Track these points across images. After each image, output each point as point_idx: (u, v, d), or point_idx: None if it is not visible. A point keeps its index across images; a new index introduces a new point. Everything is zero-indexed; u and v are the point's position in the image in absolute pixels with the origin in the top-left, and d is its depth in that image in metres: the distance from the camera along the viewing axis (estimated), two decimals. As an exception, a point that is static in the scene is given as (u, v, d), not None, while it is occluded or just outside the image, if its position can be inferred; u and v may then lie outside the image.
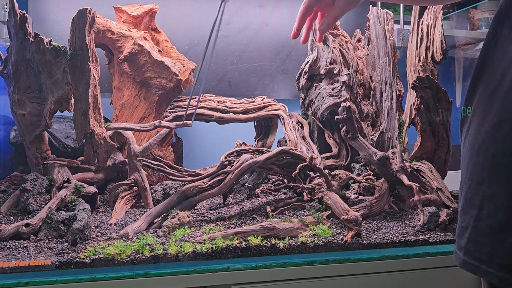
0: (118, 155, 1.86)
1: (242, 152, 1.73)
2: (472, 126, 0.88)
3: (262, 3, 2.42)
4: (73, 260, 1.19)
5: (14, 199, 1.56)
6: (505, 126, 0.78)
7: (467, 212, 0.86)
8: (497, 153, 0.79)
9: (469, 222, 0.85)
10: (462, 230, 0.87)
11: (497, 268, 0.78)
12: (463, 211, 0.88)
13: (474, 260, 0.82)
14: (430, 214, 1.53)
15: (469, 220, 0.85)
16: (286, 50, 2.46)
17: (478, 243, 0.82)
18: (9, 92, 1.63)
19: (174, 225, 1.44)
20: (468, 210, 0.86)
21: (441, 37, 1.91)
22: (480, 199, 0.82)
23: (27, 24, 1.55)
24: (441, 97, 1.80)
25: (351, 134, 1.77)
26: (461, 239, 0.87)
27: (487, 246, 0.80)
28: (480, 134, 0.84)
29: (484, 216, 0.81)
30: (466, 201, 0.87)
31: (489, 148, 0.81)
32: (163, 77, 1.91)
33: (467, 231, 0.85)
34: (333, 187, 1.65)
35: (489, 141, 0.81)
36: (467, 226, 0.85)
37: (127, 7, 2.02)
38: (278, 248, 1.34)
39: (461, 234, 0.87)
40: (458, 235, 0.89)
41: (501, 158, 0.78)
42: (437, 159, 1.86)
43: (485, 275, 0.80)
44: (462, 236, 0.87)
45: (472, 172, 0.85)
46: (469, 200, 0.86)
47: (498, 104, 0.80)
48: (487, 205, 0.81)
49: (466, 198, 0.87)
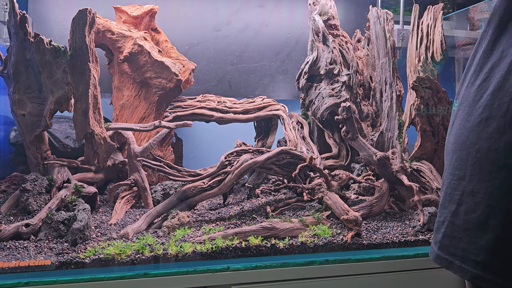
0: (118, 155, 1.86)
1: (242, 152, 1.73)
2: (457, 120, 0.87)
3: (262, 3, 2.42)
4: (73, 260, 1.19)
5: (14, 199, 1.56)
6: (492, 122, 0.77)
7: (445, 207, 0.86)
8: (482, 149, 0.78)
9: (446, 217, 0.85)
10: (439, 225, 0.87)
11: (471, 265, 0.77)
12: (442, 205, 0.88)
13: (448, 255, 0.82)
14: (430, 214, 1.53)
15: (447, 214, 0.84)
16: (286, 50, 2.46)
17: (454, 238, 0.81)
18: (9, 92, 1.63)
19: (174, 225, 1.44)
20: (447, 205, 0.86)
21: (441, 37, 1.91)
22: (459, 194, 0.82)
23: (27, 24, 1.55)
24: (441, 97, 1.80)
25: (351, 134, 1.77)
26: (437, 233, 0.87)
27: (462, 242, 0.79)
28: (465, 129, 0.83)
29: (462, 212, 0.81)
30: (445, 196, 0.87)
31: (473, 144, 0.80)
32: (163, 77, 1.91)
33: (443, 225, 0.85)
34: (333, 187, 1.65)
35: (474, 137, 0.80)
36: (444, 220, 0.85)
37: (127, 7, 2.02)
38: (278, 248, 1.34)
39: (438, 229, 0.87)
40: (435, 229, 0.89)
41: (485, 155, 0.78)
42: (437, 159, 1.86)
43: (458, 271, 0.79)
44: (438, 231, 0.86)
45: (454, 167, 0.85)
46: (448, 195, 0.85)
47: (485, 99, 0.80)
48: (466, 200, 0.80)
49: (446, 193, 0.87)
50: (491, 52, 0.83)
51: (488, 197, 0.76)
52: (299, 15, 2.45)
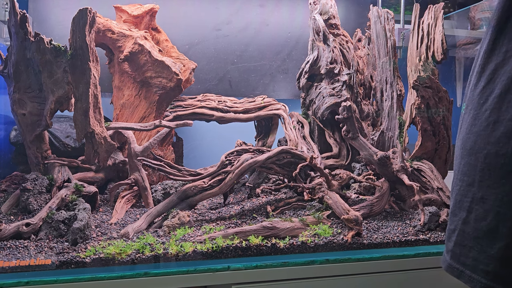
0: (119, 155, 1.86)
1: (242, 151, 1.73)
2: (464, 124, 0.85)
3: (262, 2, 2.42)
4: (73, 260, 1.19)
5: (14, 198, 1.56)
6: (499, 126, 0.75)
7: (456, 214, 0.84)
8: (490, 154, 0.76)
9: (457, 225, 0.83)
10: (450, 233, 0.85)
11: (481, 275, 0.75)
12: (453, 213, 0.86)
13: (459, 265, 0.80)
14: (431, 214, 1.53)
15: (457, 222, 0.82)
16: (287, 49, 2.46)
17: (465, 247, 0.80)
18: (9, 91, 1.63)
19: (174, 224, 1.44)
20: (457, 212, 0.84)
21: (441, 36, 1.91)
22: (469, 201, 0.80)
23: (28, 23, 1.55)
24: (442, 97, 1.80)
25: (352, 133, 1.77)
26: (449, 241, 0.85)
27: (473, 251, 0.78)
28: (472, 134, 0.81)
29: (472, 219, 0.79)
30: (456, 203, 0.85)
31: (481, 149, 0.78)
32: (164, 77, 1.91)
33: (454, 234, 0.83)
34: (333, 186, 1.65)
35: (482, 141, 0.78)
36: (455, 228, 0.83)
37: (128, 6, 2.02)
38: (278, 247, 1.34)
39: (449, 237, 0.85)
40: (446, 237, 0.87)
41: (493, 160, 0.75)
42: (437, 159, 1.86)
43: (469, 281, 0.77)
44: (450, 239, 0.85)
45: (463, 173, 0.83)
46: (458, 202, 0.83)
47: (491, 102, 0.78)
48: (476, 208, 0.78)
49: (456, 200, 0.85)
50: (492, 52, 0.81)
51: (498, 204, 0.74)
52: (300, 15, 2.45)
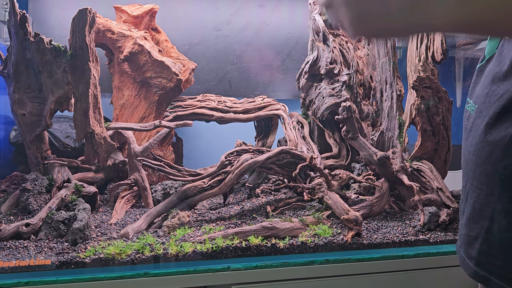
0: (118, 155, 1.86)
1: (242, 152, 1.73)
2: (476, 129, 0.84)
3: (262, 3, 2.42)
4: (73, 260, 1.19)
5: (14, 198, 1.56)
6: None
7: (476, 222, 0.84)
8: (510, 166, 0.75)
9: (479, 233, 0.83)
10: (471, 239, 0.85)
11: (508, 283, 0.76)
12: (472, 220, 0.85)
13: (487, 273, 0.81)
14: (431, 214, 1.53)
15: (479, 230, 0.83)
16: (286, 50, 2.46)
17: (491, 256, 0.80)
18: (9, 91, 1.63)
19: (174, 225, 1.44)
20: (477, 220, 0.83)
21: (441, 36, 1.91)
22: (491, 212, 0.80)
23: (27, 24, 1.55)
24: (442, 97, 1.80)
25: (352, 134, 1.77)
26: (471, 248, 0.85)
27: (499, 260, 0.78)
28: (487, 143, 0.80)
29: (496, 229, 0.79)
30: (474, 210, 0.84)
31: (499, 160, 0.77)
32: (163, 77, 1.91)
33: (477, 241, 0.83)
34: (333, 187, 1.65)
35: (500, 153, 0.77)
36: (477, 236, 0.83)
37: (127, 7, 2.02)
38: (278, 248, 1.34)
39: (470, 243, 0.85)
40: (466, 243, 0.87)
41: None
42: (437, 159, 1.86)
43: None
44: (472, 246, 0.85)
45: (481, 182, 0.82)
46: (478, 210, 0.83)
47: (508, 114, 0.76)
48: (498, 218, 0.78)
49: (474, 208, 0.84)
50: None
51: None
52: (300, 15, 2.45)
